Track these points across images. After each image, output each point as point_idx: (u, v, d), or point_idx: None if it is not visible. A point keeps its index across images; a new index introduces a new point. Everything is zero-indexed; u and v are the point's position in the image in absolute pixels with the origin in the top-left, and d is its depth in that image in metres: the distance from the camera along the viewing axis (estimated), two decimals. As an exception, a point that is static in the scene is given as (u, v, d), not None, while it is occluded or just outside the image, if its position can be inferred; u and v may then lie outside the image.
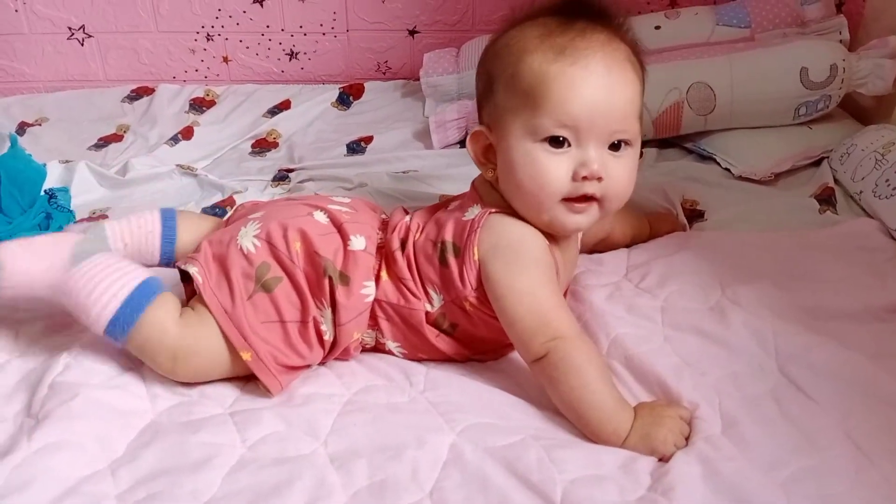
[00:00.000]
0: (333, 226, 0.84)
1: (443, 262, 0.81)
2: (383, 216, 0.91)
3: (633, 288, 0.93)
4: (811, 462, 0.68)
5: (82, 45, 1.70)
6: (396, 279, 0.83)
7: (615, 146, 0.79)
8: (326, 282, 0.80)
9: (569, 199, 0.78)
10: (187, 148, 1.43)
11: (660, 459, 0.70)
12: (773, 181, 1.21)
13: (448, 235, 0.81)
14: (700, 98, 1.27)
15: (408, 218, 0.88)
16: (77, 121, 1.58)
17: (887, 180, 1.06)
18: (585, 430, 0.73)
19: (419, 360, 0.85)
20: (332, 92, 1.62)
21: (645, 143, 1.35)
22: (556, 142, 0.77)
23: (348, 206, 0.88)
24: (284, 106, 1.59)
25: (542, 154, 0.77)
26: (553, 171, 0.77)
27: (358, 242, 0.83)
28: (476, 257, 0.79)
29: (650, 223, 1.05)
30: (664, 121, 1.30)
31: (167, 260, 0.91)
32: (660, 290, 0.91)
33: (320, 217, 0.85)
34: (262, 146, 1.46)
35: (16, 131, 1.56)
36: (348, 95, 1.62)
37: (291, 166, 1.33)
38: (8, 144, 1.35)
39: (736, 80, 1.25)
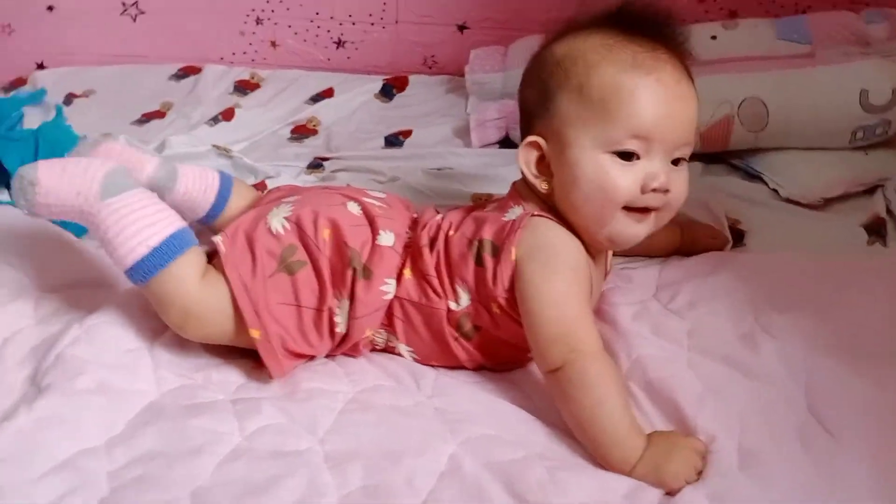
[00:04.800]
0: (366, 218, 0.83)
1: (478, 260, 0.78)
2: (415, 215, 0.89)
3: (662, 308, 0.89)
4: (831, 509, 0.64)
5: (134, 20, 1.72)
6: (421, 276, 0.81)
7: (674, 161, 0.77)
8: (350, 273, 0.79)
9: (630, 209, 0.77)
10: (226, 129, 1.43)
11: (668, 493, 0.66)
12: (821, 206, 1.15)
13: (487, 234, 0.79)
14: (752, 114, 1.21)
15: (439, 216, 0.86)
16: (123, 95, 1.60)
17: (942, 214, 0.99)
18: (594, 452, 0.69)
19: (431, 366, 0.83)
20: (376, 83, 1.60)
21: (691, 157, 1.30)
22: (627, 155, 0.75)
23: (382, 202, 0.87)
24: (327, 94, 1.58)
25: (612, 166, 0.76)
26: (623, 182, 0.76)
27: (387, 238, 0.81)
28: (513, 257, 0.77)
29: (684, 231, 1.01)
30: (712, 135, 1.25)
31: (211, 218, 0.94)
32: (689, 312, 0.87)
33: (353, 208, 0.83)
34: (302, 132, 1.46)
35: (63, 102, 1.59)
36: (392, 88, 1.60)
37: (327, 155, 1.32)
38: (53, 113, 1.38)
39: (791, 98, 1.20)
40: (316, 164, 1.29)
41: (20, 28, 1.74)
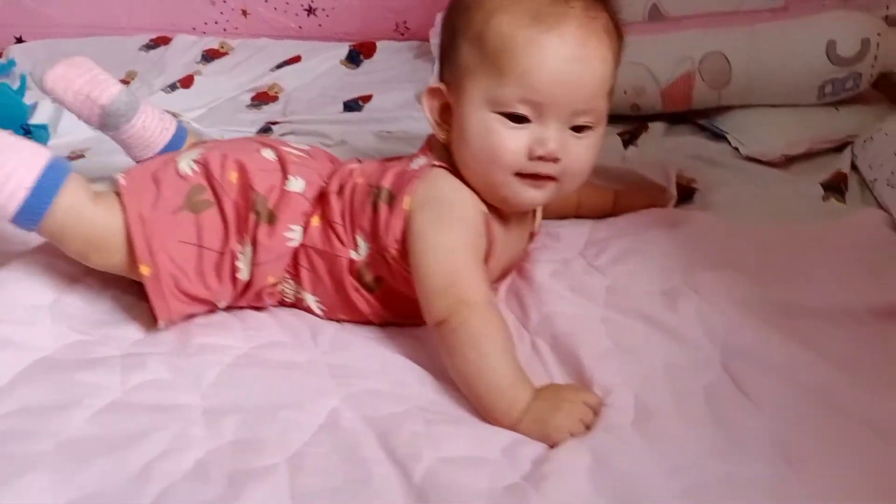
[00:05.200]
0: (279, 164, 0.80)
1: (374, 207, 0.75)
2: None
3: (586, 265, 0.85)
4: (726, 469, 0.59)
5: (108, -10, 1.71)
6: (327, 223, 0.78)
7: (577, 127, 0.72)
8: (253, 217, 0.76)
9: (522, 175, 0.72)
10: (184, 96, 1.41)
11: (552, 447, 0.62)
12: (784, 165, 1.09)
13: (387, 182, 0.76)
14: (714, 70, 1.16)
15: (355, 164, 0.83)
16: (93, 66, 1.59)
17: (905, 169, 0.93)
18: (478, 405, 0.66)
19: (338, 321, 0.80)
20: (343, 49, 1.57)
21: (654, 118, 1.25)
22: (516, 118, 0.71)
23: (304, 153, 0.84)
24: (295, 61, 1.56)
25: (498, 126, 0.71)
26: (509, 145, 0.71)
27: (296, 184, 0.79)
28: (406, 207, 0.73)
29: (619, 197, 0.96)
30: (674, 93, 1.20)
31: None
32: (611, 269, 0.83)
33: (268, 154, 0.81)
34: (263, 99, 1.44)
35: (33, 71, 1.58)
36: (359, 54, 1.57)
37: (278, 119, 1.30)
38: (18, 83, 1.38)
39: (755, 52, 1.14)
40: (266, 129, 1.27)
41: (-3, 1, 1.75)
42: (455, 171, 0.76)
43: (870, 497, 0.57)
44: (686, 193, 1.03)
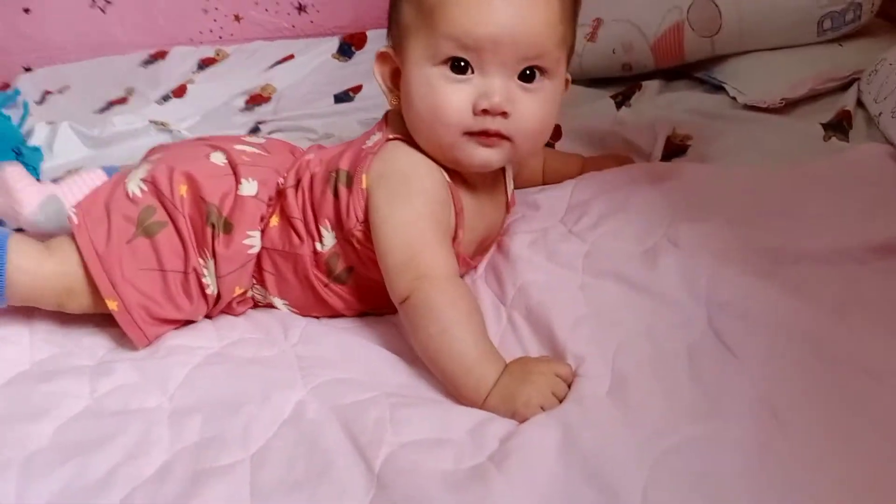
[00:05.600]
0: (229, 167, 0.78)
1: (335, 192, 0.73)
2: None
3: (565, 232, 0.81)
4: (703, 430, 0.55)
5: (104, 12, 1.73)
6: (286, 221, 0.76)
7: (527, 77, 0.68)
8: (209, 230, 0.74)
9: (472, 134, 0.69)
10: (178, 105, 1.42)
11: (522, 422, 0.59)
12: (786, 109, 1.03)
13: (344, 164, 0.74)
14: (703, 17, 1.10)
15: (311, 154, 0.81)
16: (95, 87, 1.62)
17: (909, 97, 0.86)
18: (446, 384, 0.64)
19: (314, 318, 0.78)
20: (334, 43, 1.56)
21: (649, 76, 1.20)
22: (458, 67, 0.67)
23: (259, 148, 0.82)
24: (287, 60, 1.55)
25: (440, 81, 0.68)
26: (452, 100, 0.67)
27: (249, 187, 0.76)
28: (364, 185, 0.71)
29: (586, 166, 0.92)
30: (664, 46, 1.14)
31: None
32: (591, 233, 0.78)
33: (217, 158, 0.78)
34: (256, 101, 1.43)
35: (39, 99, 1.62)
36: (350, 46, 1.55)
37: (266, 119, 1.29)
38: (21, 112, 1.41)
39: (744, -7, 1.07)
40: (254, 129, 1.26)
41: (3, 34, 1.79)
42: (412, 141, 0.73)
43: (863, 446, 0.52)
44: (680, 151, 0.98)
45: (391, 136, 0.73)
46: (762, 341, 0.63)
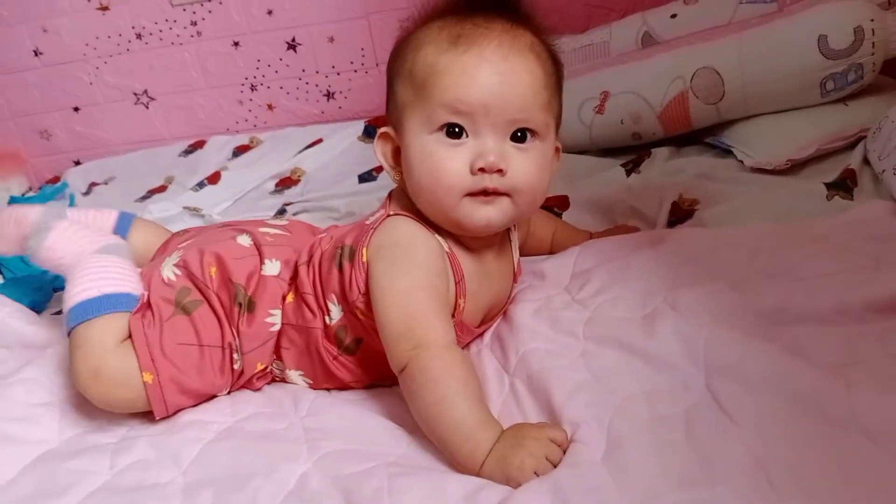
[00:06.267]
0: (255, 248, 0.83)
1: (339, 267, 0.77)
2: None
3: (569, 300, 0.82)
4: (695, 495, 0.55)
5: (147, 108, 1.85)
6: (299, 297, 0.79)
7: (519, 138, 0.72)
8: (236, 309, 0.79)
9: (472, 194, 0.72)
10: (211, 192, 1.49)
11: (516, 488, 0.60)
12: (792, 170, 1.04)
13: (349, 240, 0.78)
14: (706, 85, 1.13)
15: (324, 233, 0.85)
16: (138, 177, 1.72)
17: (910, 153, 0.87)
18: (444, 451, 0.65)
19: (325, 390, 0.81)
20: (359, 126, 1.63)
21: (659, 143, 1.23)
22: (453, 132, 0.71)
23: (282, 229, 0.87)
24: (316, 143, 1.62)
25: (437, 147, 0.72)
26: (450, 165, 0.71)
27: (272, 267, 0.81)
28: (364, 259, 0.74)
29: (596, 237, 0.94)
30: (671, 115, 1.17)
31: None
32: (593, 300, 0.80)
33: (243, 240, 0.83)
34: (286, 184, 1.50)
35: (85, 191, 1.72)
36: (375, 128, 1.62)
37: (292, 200, 1.35)
38: (67, 202, 1.50)
39: (745, 60, 1.11)
40: (281, 211, 1.32)
41: (55, 132, 1.92)
42: (416, 216, 0.76)
43: (860, 509, 0.51)
44: (687, 216, 0.99)
45: (392, 213, 0.77)
46: (760, 404, 0.62)
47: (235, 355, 0.78)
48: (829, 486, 0.54)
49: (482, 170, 0.70)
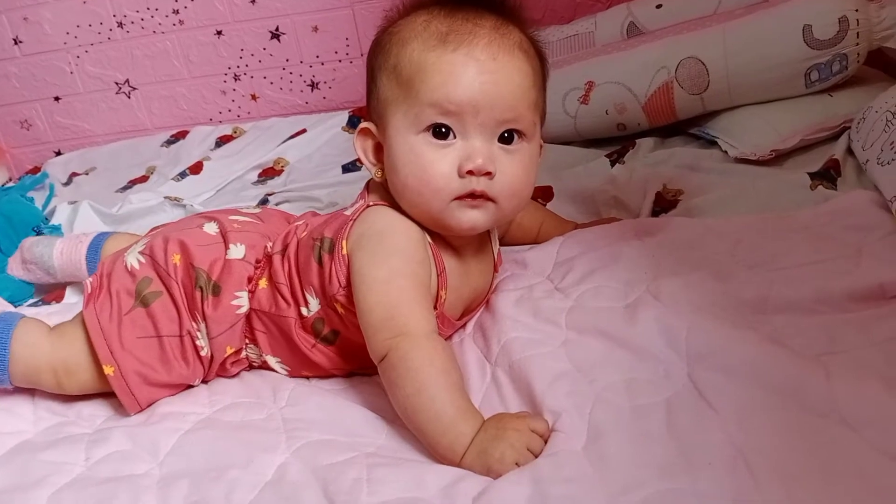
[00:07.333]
0: (220, 236, 0.82)
1: (319, 260, 0.75)
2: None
3: (551, 289, 0.82)
4: (675, 484, 0.55)
5: (129, 97, 1.82)
6: (273, 285, 0.79)
7: (507, 139, 0.71)
8: (198, 293, 0.78)
9: (460, 198, 0.71)
10: (194, 182, 1.47)
11: (497, 479, 0.59)
12: (777, 160, 1.04)
13: (328, 232, 0.76)
14: (690, 75, 1.12)
15: (300, 221, 0.84)
16: (119, 168, 1.69)
17: (892, 143, 0.87)
18: (424, 442, 0.64)
19: (304, 377, 0.80)
20: (343, 116, 1.61)
21: (642, 134, 1.22)
22: (440, 133, 0.70)
23: (253, 217, 0.86)
24: (300, 134, 1.60)
25: (424, 148, 0.70)
26: (438, 167, 0.70)
27: (237, 251, 0.80)
28: (345, 251, 0.73)
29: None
30: (655, 106, 1.16)
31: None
32: (575, 289, 0.79)
33: (210, 228, 0.83)
34: (269, 175, 1.48)
35: (65, 181, 1.70)
36: (359, 118, 1.60)
37: (275, 190, 1.33)
38: (47, 193, 1.49)
39: (729, 50, 1.10)
40: (263, 201, 1.30)
41: (36, 122, 1.89)
42: (392, 205, 0.75)
43: (838, 499, 0.51)
44: (670, 206, 0.99)
45: (371, 203, 0.76)
46: (740, 393, 0.62)
47: (200, 342, 0.78)
48: (809, 474, 0.54)
49: (470, 172, 0.69)
